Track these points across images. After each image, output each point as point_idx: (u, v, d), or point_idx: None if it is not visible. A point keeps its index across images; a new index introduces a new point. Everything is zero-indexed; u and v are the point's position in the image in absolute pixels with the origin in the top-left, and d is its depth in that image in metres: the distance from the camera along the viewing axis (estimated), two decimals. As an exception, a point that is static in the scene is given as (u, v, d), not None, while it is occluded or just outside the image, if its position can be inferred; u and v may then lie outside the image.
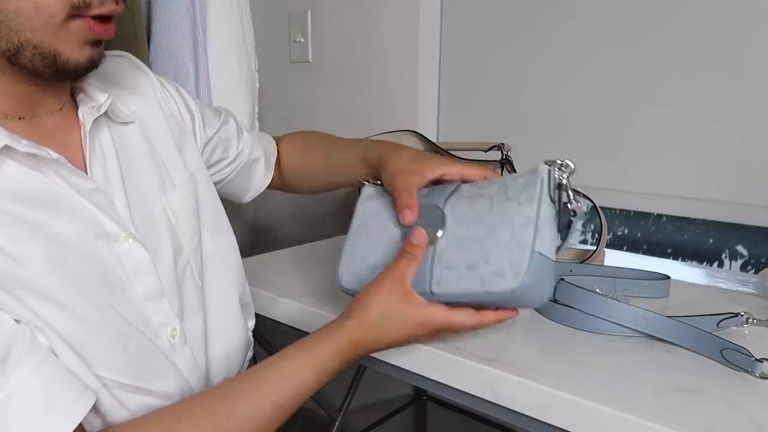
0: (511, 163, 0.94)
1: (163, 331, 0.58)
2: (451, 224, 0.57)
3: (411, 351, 0.63)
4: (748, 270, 1.04)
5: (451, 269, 0.56)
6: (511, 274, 0.53)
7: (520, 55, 1.14)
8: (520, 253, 0.53)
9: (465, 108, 1.24)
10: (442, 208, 0.58)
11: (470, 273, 0.55)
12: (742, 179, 0.94)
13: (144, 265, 0.57)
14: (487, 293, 0.54)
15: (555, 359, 0.59)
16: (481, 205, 0.57)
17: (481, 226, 0.56)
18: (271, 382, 0.55)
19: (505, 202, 0.56)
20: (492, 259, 0.54)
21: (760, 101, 0.91)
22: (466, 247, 0.56)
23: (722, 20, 0.92)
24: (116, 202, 0.57)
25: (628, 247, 1.16)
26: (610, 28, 1.03)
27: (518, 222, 0.54)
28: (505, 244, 0.54)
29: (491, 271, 0.54)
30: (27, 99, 0.54)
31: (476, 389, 0.58)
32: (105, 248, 0.54)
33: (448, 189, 0.61)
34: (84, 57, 0.52)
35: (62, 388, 0.47)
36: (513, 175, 0.59)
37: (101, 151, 0.58)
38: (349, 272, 0.62)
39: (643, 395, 0.52)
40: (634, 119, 1.03)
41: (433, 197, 0.60)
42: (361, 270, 0.61)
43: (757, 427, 0.47)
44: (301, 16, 1.37)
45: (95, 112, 0.57)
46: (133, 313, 0.55)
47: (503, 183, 0.58)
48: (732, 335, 0.63)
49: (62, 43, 0.50)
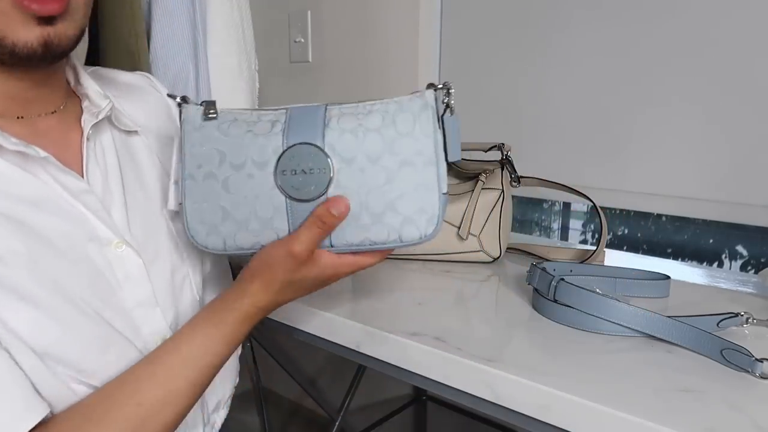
0: (512, 163, 0.94)
1: (153, 340, 0.57)
2: (340, 168, 0.51)
3: (411, 351, 0.63)
4: (748, 270, 1.04)
5: (353, 221, 0.51)
6: (423, 222, 0.51)
7: (520, 55, 1.14)
8: (429, 196, 0.51)
9: (465, 108, 1.24)
10: (322, 147, 0.51)
11: (376, 223, 0.51)
12: (742, 179, 0.94)
13: (136, 272, 0.56)
14: (397, 242, 0.52)
15: (555, 359, 0.59)
16: (371, 142, 0.51)
17: (379, 169, 0.51)
18: (181, 362, 0.53)
19: (398, 139, 0.51)
20: (399, 207, 0.51)
21: (759, 101, 0.91)
22: (366, 194, 0.51)
23: (722, 21, 0.92)
24: (113, 208, 0.57)
25: (628, 247, 1.16)
26: (609, 27, 1.03)
27: (420, 162, 0.51)
28: (411, 189, 0.51)
29: (401, 220, 0.51)
30: (18, 97, 0.54)
31: (476, 389, 0.58)
32: (96, 252, 0.54)
33: (315, 116, 0.52)
34: (32, 37, 0.48)
35: (9, 397, 0.46)
36: (394, 100, 0.53)
37: (102, 156, 0.58)
38: (207, 228, 0.53)
39: (643, 395, 0.52)
40: (634, 119, 1.03)
41: (301, 128, 0.51)
42: (228, 227, 0.52)
43: (757, 427, 0.47)
44: (301, 16, 1.37)
45: (94, 118, 0.57)
46: (120, 319, 0.54)
47: (386, 111, 0.52)
48: (732, 335, 0.63)
49: (5, 26, 0.48)
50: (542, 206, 1.29)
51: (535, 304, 0.72)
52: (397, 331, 0.65)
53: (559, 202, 1.26)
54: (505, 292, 0.80)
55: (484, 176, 0.91)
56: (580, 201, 1.08)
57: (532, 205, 1.29)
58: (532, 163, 1.06)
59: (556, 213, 1.29)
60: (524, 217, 1.30)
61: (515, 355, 0.60)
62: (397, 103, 0.53)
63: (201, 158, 0.52)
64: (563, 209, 1.27)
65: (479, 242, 0.91)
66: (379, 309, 0.71)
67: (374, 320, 0.68)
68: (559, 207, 1.27)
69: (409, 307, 0.72)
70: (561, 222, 1.29)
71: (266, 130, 0.51)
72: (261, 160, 0.51)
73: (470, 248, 0.91)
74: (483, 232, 0.90)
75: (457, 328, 0.66)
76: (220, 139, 0.52)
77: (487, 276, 0.88)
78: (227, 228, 0.52)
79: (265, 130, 0.51)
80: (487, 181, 0.91)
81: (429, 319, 0.69)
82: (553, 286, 0.68)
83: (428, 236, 0.52)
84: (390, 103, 0.53)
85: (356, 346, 0.68)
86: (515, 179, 0.94)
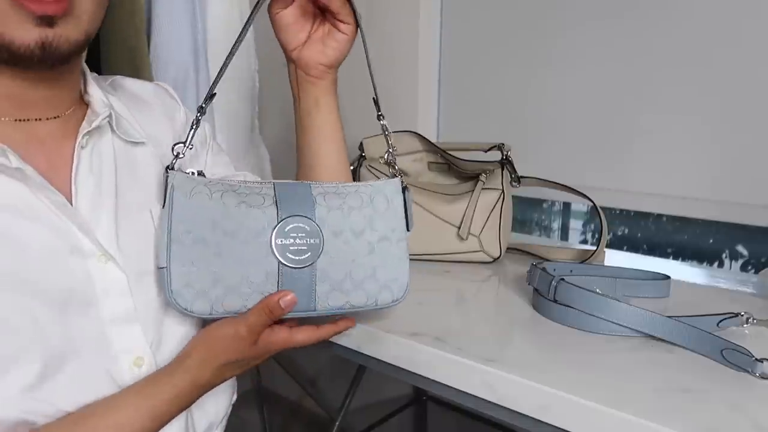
0: (512, 163, 0.94)
1: (125, 357, 0.55)
2: (328, 239, 0.56)
3: (411, 351, 0.63)
4: (748, 270, 1.04)
5: (337, 287, 0.57)
6: (397, 287, 0.60)
7: (520, 55, 1.14)
8: (401, 267, 0.60)
9: (465, 108, 1.24)
10: (314, 219, 0.56)
11: (357, 289, 0.58)
12: (742, 179, 0.94)
13: (117, 286, 0.54)
14: (373, 305, 0.59)
15: (555, 359, 0.59)
16: (355, 218, 0.58)
17: (362, 242, 0.58)
18: (105, 429, 0.51)
19: (376, 218, 0.59)
20: (379, 275, 0.58)
21: (760, 101, 0.91)
22: (350, 263, 0.57)
23: (722, 22, 0.92)
24: (102, 218, 0.55)
25: (629, 247, 1.16)
26: (609, 27, 1.03)
27: (394, 237, 0.59)
28: (388, 260, 0.59)
29: (378, 287, 0.59)
30: (17, 98, 0.52)
31: (476, 389, 0.58)
32: (77, 264, 0.52)
33: (303, 192, 0.57)
34: (30, 38, 0.48)
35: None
36: (369, 184, 0.61)
37: (99, 164, 0.57)
38: (194, 292, 0.54)
39: (643, 395, 0.52)
40: (634, 119, 1.03)
41: (293, 203, 0.56)
42: (217, 291, 0.54)
43: (757, 427, 0.47)
44: (301, 16, 1.37)
45: (89, 125, 0.55)
46: (90, 332, 0.53)
47: (364, 193, 0.60)
48: (732, 335, 0.63)
49: (3, 25, 0.47)
50: (542, 206, 1.29)
51: (535, 304, 0.72)
52: (397, 331, 0.65)
53: (559, 202, 1.26)
54: (505, 293, 0.80)
55: (485, 176, 0.91)
56: (580, 201, 1.08)
57: (532, 205, 1.29)
58: (533, 164, 1.06)
59: (556, 213, 1.29)
60: (524, 217, 1.30)
61: (515, 355, 0.60)
62: (372, 187, 0.60)
63: (190, 224, 0.54)
64: (563, 209, 1.27)
65: (479, 242, 0.91)
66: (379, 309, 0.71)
67: (374, 320, 0.68)
68: (559, 207, 1.27)
69: (409, 307, 0.72)
70: (561, 222, 1.29)
71: (259, 202, 0.56)
72: (256, 228, 0.55)
73: (470, 248, 0.91)
74: (483, 233, 0.90)
75: (457, 328, 0.66)
76: (213, 208, 0.55)
77: (487, 276, 0.88)
78: (217, 292, 0.54)
79: (258, 202, 0.56)
80: (488, 181, 0.91)
81: (429, 319, 0.69)
82: (553, 286, 0.68)
83: (399, 300, 0.60)
84: (366, 186, 0.60)
85: (356, 346, 0.68)
86: (515, 179, 0.94)
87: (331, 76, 0.68)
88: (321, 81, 0.67)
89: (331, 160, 0.71)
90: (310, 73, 0.67)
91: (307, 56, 0.65)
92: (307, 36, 0.66)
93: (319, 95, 0.68)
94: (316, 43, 0.65)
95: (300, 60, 0.66)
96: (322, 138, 0.70)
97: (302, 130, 0.71)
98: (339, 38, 0.65)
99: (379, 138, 0.99)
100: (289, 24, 0.65)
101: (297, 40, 0.66)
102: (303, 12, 0.65)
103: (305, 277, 0.56)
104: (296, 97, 0.70)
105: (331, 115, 0.70)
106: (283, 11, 0.64)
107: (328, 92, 0.69)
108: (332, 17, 0.64)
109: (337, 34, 0.65)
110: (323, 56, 0.65)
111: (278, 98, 1.45)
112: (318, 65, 0.66)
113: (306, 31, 0.66)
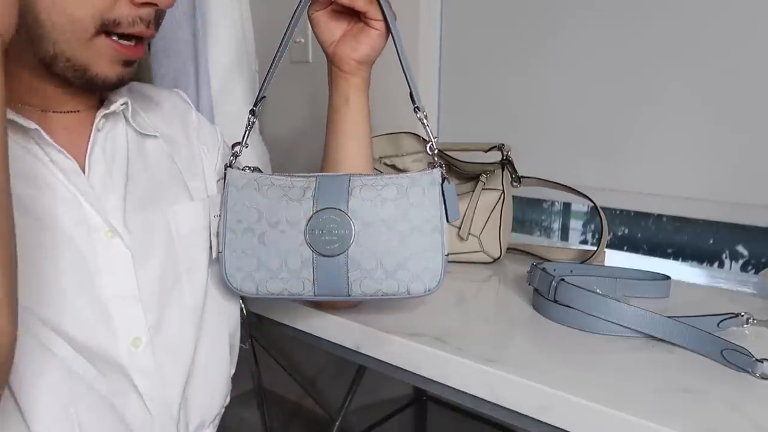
0: (512, 163, 0.94)
1: (124, 335, 0.56)
2: (360, 230, 0.60)
3: (411, 351, 0.63)
4: (748, 270, 1.04)
5: (369, 275, 0.59)
6: (429, 278, 0.60)
7: (520, 55, 1.14)
8: (434, 258, 0.60)
9: (465, 108, 1.24)
10: (346, 211, 0.60)
11: (389, 278, 0.60)
12: (743, 179, 0.94)
13: (121, 263, 0.56)
14: (405, 294, 0.60)
15: (555, 359, 0.59)
16: (388, 210, 0.60)
17: (394, 233, 0.60)
18: None
19: (410, 209, 0.60)
20: (410, 265, 0.60)
21: (760, 101, 0.91)
22: (382, 253, 0.60)
23: (722, 20, 0.92)
24: (112, 196, 0.57)
25: (629, 247, 1.16)
26: (609, 27, 1.03)
27: (428, 228, 0.60)
28: (420, 251, 0.60)
29: (410, 276, 0.60)
30: (49, 96, 0.56)
31: (476, 389, 0.58)
32: (83, 236, 0.54)
33: (340, 185, 0.61)
34: (113, 74, 0.55)
35: None
36: (407, 175, 0.62)
37: (112, 147, 0.59)
38: (243, 274, 0.61)
39: (643, 395, 0.52)
40: (634, 119, 1.03)
41: (329, 195, 0.61)
42: (261, 275, 0.61)
43: (757, 427, 0.47)
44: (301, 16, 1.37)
45: (106, 110, 0.59)
46: (91, 307, 0.54)
47: (400, 185, 0.61)
48: (732, 335, 0.63)
49: (93, 59, 0.53)
50: (542, 206, 1.29)
51: (536, 304, 0.72)
52: (397, 331, 0.65)
53: (560, 202, 1.26)
54: (506, 293, 0.80)
55: (485, 177, 0.91)
56: (581, 201, 1.08)
57: (532, 205, 1.29)
58: (533, 164, 1.06)
59: (556, 213, 1.29)
60: (524, 217, 1.30)
61: (515, 355, 0.60)
62: (410, 178, 0.62)
63: (241, 215, 0.62)
64: (563, 209, 1.27)
65: (479, 243, 0.91)
66: (379, 309, 0.71)
67: (374, 320, 0.68)
68: (560, 207, 1.27)
69: (409, 307, 0.72)
70: (561, 222, 1.28)
71: (299, 195, 0.61)
72: (293, 220, 0.60)
73: (471, 249, 0.91)
74: (483, 233, 0.90)
75: (457, 328, 0.66)
76: (260, 201, 0.62)
77: (488, 276, 0.88)
78: (261, 275, 0.61)
79: (298, 195, 0.61)
80: (488, 181, 0.91)
81: (429, 319, 0.69)
82: (553, 286, 0.68)
83: (432, 290, 0.60)
84: (404, 177, 0.62)
85: (356, 346, 0.68)
86: (516, 179, 0.94)
87: (363, 74, 0.69)
88: (353, 77, 0.69)
89: (356, 159, 0.72)
90: (343, 69, 0.68)
91: (341, 52, 0.68)
92: (342, 33, 0.69)
93: (350, 93, 0.70)
94: (349, 40, 0.68)
95: (334, 55, 0.68)
96: (348, 136, 0.71)
97: (331, 125, 0.73)
98: (371, 34, 0.67)
99: (379, 138, 0.99)
100: (327, 22, 0.68)
101: (332, 37, 0.68)
102: (338, 12, 0.68)
103: (338, 265, 0.59)
104: (330, 93, 0.72)
105: (359, 114, 0.71)
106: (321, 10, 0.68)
107: (358, 91, 0.70)
108: (363, 16, 0.66)
109: (369, 30, 0.67)
110: (355, 52, 0.67)
111: (278, 98, 1.45)
112: (350, 60, 0.68)
113: (342, 29, 0.69)
